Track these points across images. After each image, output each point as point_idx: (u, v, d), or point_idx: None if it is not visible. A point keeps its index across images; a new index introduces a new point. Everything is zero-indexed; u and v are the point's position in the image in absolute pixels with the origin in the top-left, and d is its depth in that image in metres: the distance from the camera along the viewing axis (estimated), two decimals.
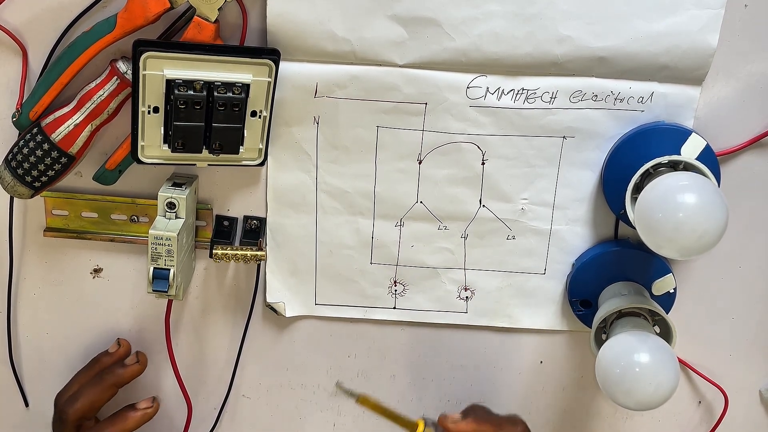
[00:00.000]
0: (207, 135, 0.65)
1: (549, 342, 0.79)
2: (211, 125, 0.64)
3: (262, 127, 0.66)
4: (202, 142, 0.65)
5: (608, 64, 0.67)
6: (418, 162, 0.71)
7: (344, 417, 0.82)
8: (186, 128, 0.63)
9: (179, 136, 0.64)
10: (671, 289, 0.73)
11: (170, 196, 0.67)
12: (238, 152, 0.66)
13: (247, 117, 0.65)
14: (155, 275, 0.66)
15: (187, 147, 0.65)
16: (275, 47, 0.65)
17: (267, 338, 0.78)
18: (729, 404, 0.80)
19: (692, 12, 0.65)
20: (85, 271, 0.75)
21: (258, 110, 0.65)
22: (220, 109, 0.63)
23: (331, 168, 0.71)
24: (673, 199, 0.61)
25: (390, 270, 0.75)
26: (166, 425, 0.81)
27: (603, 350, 0.68)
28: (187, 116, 0.63)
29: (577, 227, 0.73)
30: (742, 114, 0.70)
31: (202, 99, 0.62)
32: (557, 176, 0.71)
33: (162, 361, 0.78)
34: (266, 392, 0.81)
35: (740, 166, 0.71)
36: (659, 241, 0.62)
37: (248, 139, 0.66)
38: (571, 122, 0.69)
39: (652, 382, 0.65)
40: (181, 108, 0.62)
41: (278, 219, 0.73)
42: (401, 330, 0.78)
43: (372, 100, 0.68)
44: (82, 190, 0.72)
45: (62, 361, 0.79)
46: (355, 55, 0.66)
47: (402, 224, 0.74)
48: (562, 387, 0.81)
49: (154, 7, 0.62)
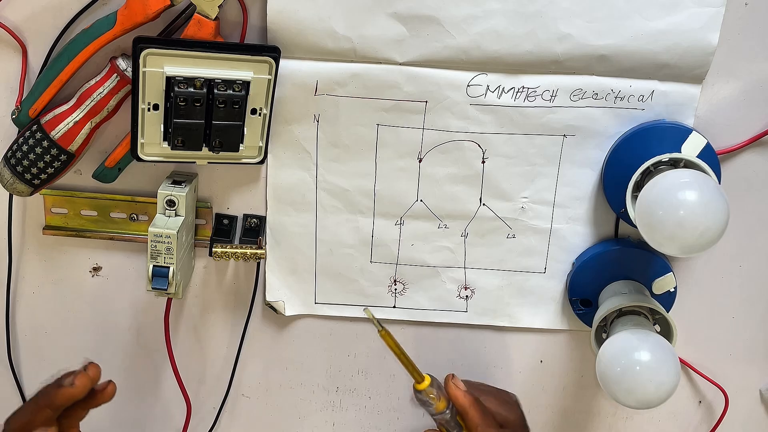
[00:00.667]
0: (207, 132, 0.65)
1: (549, 341, 0.79)
2: (211, 123, 0.64)
3: (262, 124, 0.66)
4: (202, 139, 0.65)
5: (609, 62, 0.67)
6: (418, 160, 0.71)
7: (344, 416, 0.82)
8: (186, 126, 0.63)
9: (179, 134, 0.64)
10: (671, 287, 0.73)
11: (170, 194, 0.67)
12: (238, 150, 0.66)
13: (247, 114, 0.65)
14: (155, 273, 0.66)
15: (187, 144, 0.65)
16: (275, 45, 0.65)
17: (267, 337, 0.78)
18: (729, 404, 0.80)
19: (693, 10, 0.65)
20: (84, 269, 0.75)
21: (258, 108, 0.65)
22: (220, 107, 0.63)
23: (331, 166, 0.71)
24: (674, 197, 0.61)
25: (390, 269, 0.75)
26: (165, 424, 0.81)
27: (603, 349, 0.68)
28: (187, 113, 0.63)
29: (578, 226, 0.73)
30: (742, 112, 0.70)
31: (202, 96, 0.62)
32: (557, 175, 0.71)
33: (161, 360, 0.78)
34: (266, 391, 0.80)
35: (741, 165, 0.71)
36: (660, 239, 0.62)
37: (248, 137, 0.66)
38: (572, 120, 0.69)
39: (652, 381, 0.65)
40: (181, 105, 0.62)
41: (278, 217, 0.73)
42: (401, 329, 0.78)
43: (372, 98, 0.68)
44: (82, 188, 0.72)
45: (61, 360, 0.78)
46: (356, 53, 0.66)
47: (402, 223, 0.74)
48: (562, 386, 0.81)
49: (154, 4, 0.62)
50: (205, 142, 0.65)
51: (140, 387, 0.80)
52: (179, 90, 0.62)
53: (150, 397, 0.81)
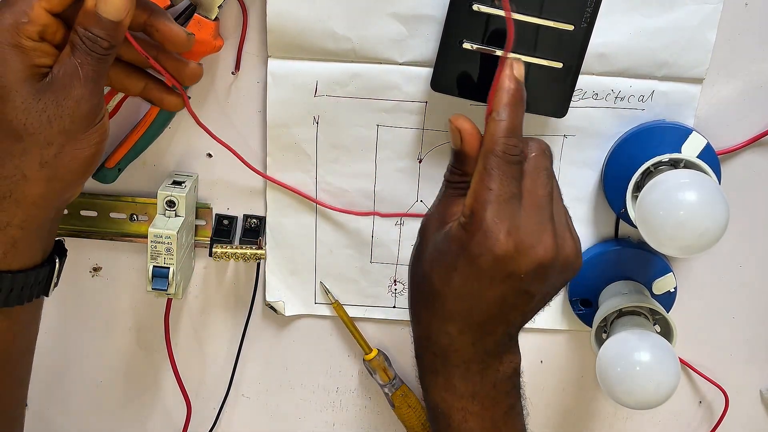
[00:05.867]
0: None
1: (549, 341, 0.79)
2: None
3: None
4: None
5: (608, 60, 0.66)
6: (418, 161, 0.71)
7: (344, 416, 0.82)
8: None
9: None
10: (672, 288, 0.73)
11: (170, 195, 0.67)
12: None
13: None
14: (155, 274, 0.66)
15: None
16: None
17: (267, 337, 0.78)
18: (729, 404, 0.79)
19: (691, 7, 0.65)
20: (84, 269, 0.75)
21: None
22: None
23: (331, 167, 0.71)
24: (674, 197, 0.61)
25: (390, 269, 0.75)
26: (165, 424, 0.81)
27: (603, 349, 0.68)
28: None
29: (578, 226, 0.73)
30: (742, 113, 0.70)
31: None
32: (558, 175, 0.71)
33: (161, 360, 0.78)
34: (266, 392, 0.80)
35: (741, 165, 0.71)
36: (660, 239, 0.62)
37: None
38: (572, 121, 0.69)
39: (652, 381, 0.65)
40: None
41: (278, 218, 0.73)
42: (401, 329, 0.78)
43: (372, 98, 0.68)
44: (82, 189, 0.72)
45: (61, 360, 0.78)
46: (356, 53, 0.66)
47: (402, 223, 0.74)
48: (562, 387, 0.81)
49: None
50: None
51: (140, 387, 0.80)
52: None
53: (150, 397, 0.81)
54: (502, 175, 0.52)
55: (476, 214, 0.52)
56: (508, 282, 0.52)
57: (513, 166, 0.53)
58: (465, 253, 0.52)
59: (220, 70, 0.68)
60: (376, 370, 0.76)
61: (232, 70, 0.68)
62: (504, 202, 0.52)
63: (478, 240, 0.51)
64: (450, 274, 0.53)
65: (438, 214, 0.56)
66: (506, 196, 0.52)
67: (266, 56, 0.67)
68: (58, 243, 0.62)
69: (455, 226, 0.53)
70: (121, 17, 0.53)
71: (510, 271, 0.52)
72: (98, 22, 0.52)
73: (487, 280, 0.52)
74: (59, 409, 0.81)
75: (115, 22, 0.53)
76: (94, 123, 0.55)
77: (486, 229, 0.51)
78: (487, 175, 0.52)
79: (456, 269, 0.53)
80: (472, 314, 0.54)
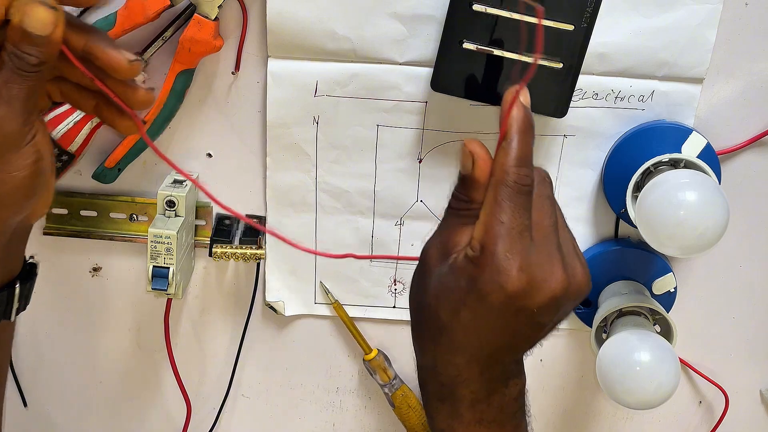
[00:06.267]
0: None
1: (549, 341, 0.77)
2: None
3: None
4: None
5: (608, 60, 0.66)
6: (418, 161, 0.71)
7: (344, 416, 0.82)
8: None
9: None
10: (672, 288, 0.73)
11: (170, 194, 0.67)
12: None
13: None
14: (154, 274, 0.66)
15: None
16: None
17: (266, 337, 0.78)
18: (729, 404, 0.79)
19: (690, 7, 0.65)
20: (84, 270, 0.75)
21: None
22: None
23: (331, 168, 0.71)
24: (674, 197, 0.61)
25: (390, 269, 0.75)
26: (165, 424, 0.81)
27: (603, 349, 0.68)
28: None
29: (578, 226, 0.73)
30: (742, 113, 0.70)
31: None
32: (557, 175, 0.71)
33: (161, 361, 0.78)
34: (266, 392, 0.80)
35: (741, 165, 0.71)
36: (660, 239, 0.62)
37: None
38: (572, 121, 0.69)
39: (652, 381, 0.65)
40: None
41: (278, 218, 0.73)
42: (401, 329, 0.78)
43: (372, 98, 0.68)
44: (81, 189, 0.72)
45: (61, 360, 0.78)
46: (356, 53, 0.66)
47: (402, 223, 0.73)
48: (562, 387, 0.81)
49: (153, 4, 0.62)
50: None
51: (140, 387, 0.80)
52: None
53: (150, 397, 0.81)
54: (513, 207, 0.50)
55: (487, 249, 0.49)
56: (520, 316, 0.50)
57: (523, 196, 0.50)
58: (475, 289, 0.50)
59: (220, 70, 0.68)
60: (376, 370, 0.77)
61: (232, 70, 0.68)
62: (516, 235, 0.49)
63: (489, 276, 0.49)
64: (458, 309, 0.51)
65: (441, 243, 0.54)
66: (518, 230, 0.50)
67: (266, 56, 0.67)
68: (29, 265, 0.57)
69: (462, 258, 0.51)
70: (48, 32, 0.48)
71: (522, 306, 0.50)
72: (25, 38, 0.48)
73: (498, 315, 0.50)
74: (59, 408, 0.81)
75: (43, 36, 0.48)
76: (21, 144, 0.50)
77: (498, 265, 0.49)
78: (498, 207, 0.50)
79: (465, 304, 0.51)
80: (482, 347, 0.52)
